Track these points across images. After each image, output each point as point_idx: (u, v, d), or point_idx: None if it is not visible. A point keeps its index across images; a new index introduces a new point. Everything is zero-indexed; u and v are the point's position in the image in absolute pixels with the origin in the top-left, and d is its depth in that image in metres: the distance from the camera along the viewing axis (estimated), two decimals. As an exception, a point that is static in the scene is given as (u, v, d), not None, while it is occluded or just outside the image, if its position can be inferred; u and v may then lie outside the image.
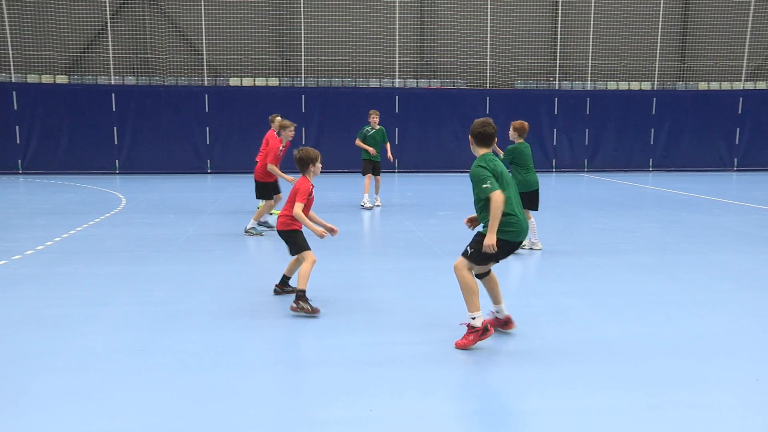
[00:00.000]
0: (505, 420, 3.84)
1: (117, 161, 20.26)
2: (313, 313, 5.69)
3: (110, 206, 12.77)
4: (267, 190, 10.31)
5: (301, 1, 21.24)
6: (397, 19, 21.65)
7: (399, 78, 21.94)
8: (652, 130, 22.17)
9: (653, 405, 3.99)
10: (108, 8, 20.58)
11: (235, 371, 4.49)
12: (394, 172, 21.31)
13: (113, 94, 20.08)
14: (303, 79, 21.56)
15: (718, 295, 6.57)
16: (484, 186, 4.80)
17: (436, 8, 22.20)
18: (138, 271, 7.37)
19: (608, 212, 12.33)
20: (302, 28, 21.35)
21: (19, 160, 19.77)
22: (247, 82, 21.23)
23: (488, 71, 22.15)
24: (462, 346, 4.91)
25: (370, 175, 12.81)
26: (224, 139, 20.62)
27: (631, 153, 22.22)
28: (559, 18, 22.47)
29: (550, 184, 18.38)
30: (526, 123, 8.64)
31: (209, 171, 20.61)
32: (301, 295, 5.76)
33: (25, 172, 19.75)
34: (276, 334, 5.33)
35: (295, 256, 6.18)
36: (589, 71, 22.62)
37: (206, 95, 20.44)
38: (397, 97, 21.20)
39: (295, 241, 6.06)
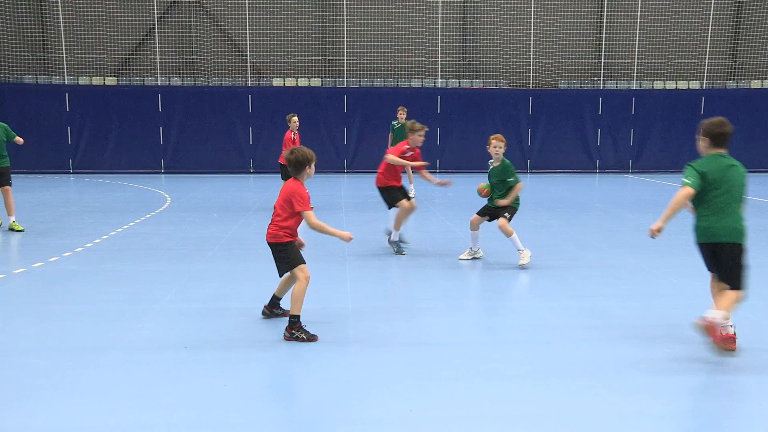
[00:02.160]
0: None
1: (162, 161, 20.67)
2: (309, 341, 5.02)
3: (156, 205, 13.03)
4: (394, 194, 8.67)
5: (344, 2, 21.34)
6: (440, 18, 21.58)
7: (441, 78, 21.87)
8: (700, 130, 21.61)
9: None
10: (156, 11, 21.01)
11: (277, 368, 4.53)
12: (435, 171, 21.25)
13: (159, 95, 20.49)
14: (345, 79, 21.66)
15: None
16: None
17: (478, 8, 22.05)
18: (183, 268, 7.50)
19: (653, 214, 12.07)
20: (345, 28, 21.46)
21: (70, 160, 20.33)
22: (289, 82, 21.43)
23: (531, 71, 21.91)
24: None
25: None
26: (267, 139, 20.84)
27: (678, 154, 21.68)
28: (605, 15, 22.09)
29: (593, 186, 18.08)
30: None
31: (252, 171, 20.86)
32: (294, 322, 5.05)
33: (76, 172, 20.29)
34: (317, 332, 5.35)
35: (287, 274, 5.31)
36: (635, 70, 22.18)
37: (249, 96, 20.70)
38: (438, 97, 21.13)
39: (287, 255, 5.18)
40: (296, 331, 5.05)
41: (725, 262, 4.79)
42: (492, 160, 8.07)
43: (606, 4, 22.06)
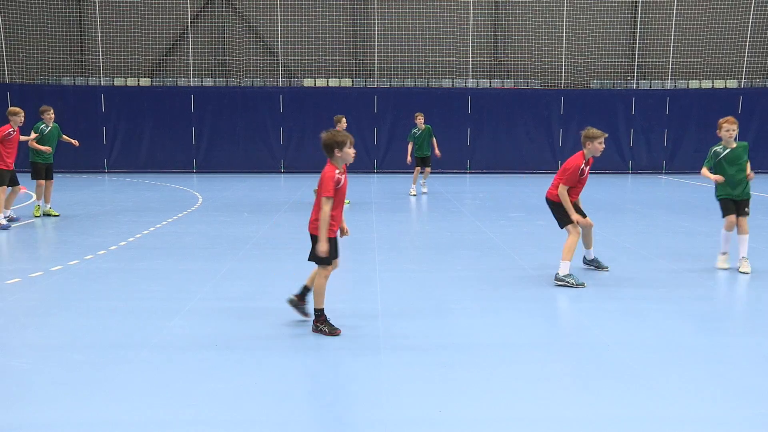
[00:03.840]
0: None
1: (194, 160, 20.92)
2: (331, 334, 5.11)
3: (188, 204, 13.19)
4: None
5: (375, 2, 21.37)
6: (471, 19, 21.48)
7: (472, 78, 21.77)
8: (738, 129, 21.16)
9: None
10: (189, 12, 21.28)
11: (307, 367, 4.54)
12: (466, 172, 21.15)
13: (192, 96, 20.74)
14: (376, 79, 21.69)
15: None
16: None
17: (509, 7, 21.90)
18: (215, 267, 7.57)
19: (687, 216, 11.86)
20: (375, 28, 21.48)
21: (105, 160, 20.69)
22: (320, 83, 21.53)
23: (563, 71, 21.69)
24: None
25: (418, 168, 14.84)
26: (298, 139, 20.97)
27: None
28: (639, 13, 21.77)
29: (626, 186, 17.83)
30: None
31: (283, 171, 21.00)
32: (318, 315, 5.18)
33: (110, 171, 20.65)
34: (347, 331, 5.35)
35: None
36: (670, 69, 21.81)
37: (281, 96, 20.85)
38: (469, 97, 21.04)
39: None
40: (320, 324, 5.16)
41: None
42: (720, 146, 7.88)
43: (640, 3, 21.74)
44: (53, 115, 11.25)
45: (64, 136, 11.51)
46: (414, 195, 14.72)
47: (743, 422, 3.78)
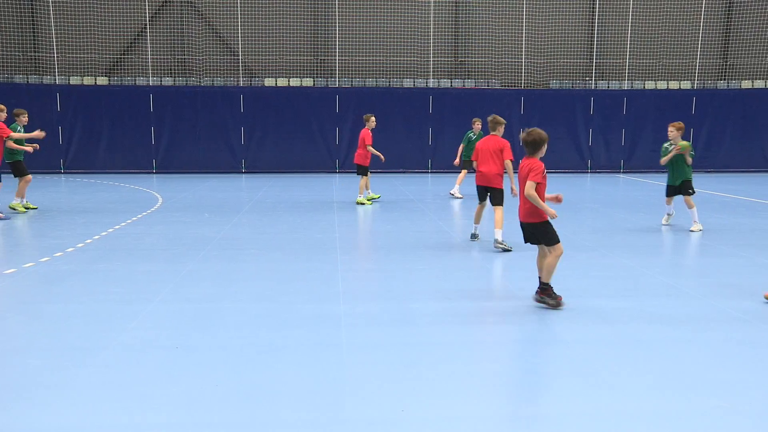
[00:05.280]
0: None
1: (154, 161, 20.61)
2: (557, 306, 5.77)
3: (147, 205, 13.00)
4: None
5: (336, 2, 21.34)
6: (432, 19, 21.61)
7: (433, 78, 21.90)
8: (692, 130, 21.74)
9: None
10: (147, 11, 20.95)
11: (268, 369, 4.53)
12: (428, 172, 21.27)
13: (151, 95, 20.43)
14: (337, 79, 21.66)
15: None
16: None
17: (470, 8, 22.10)
18: (175, 269, 7.48)
19: (644, 214, 12.13)
20: (337, 28, 21.46)
21: (62, 160, 20.25)
22: (281, 82, 21.41)
23: (523, 71, 21.97)
24: None
25: (465, 171, 14.68)
26: (259, 139, 20.83)
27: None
28: (596, 16, 22.19)
29: (585, 185, 18.15)
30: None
31: (244, 171, 20.83)
32: (545, 288, 5.82)
33: (67, 172, 20.22)
34: (310, 332, 5.35)
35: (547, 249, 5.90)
36: (627, 70, 22.29)
37: (241, 95, 20.67)
38: (431, 97, 21.16)
39: (549, 230, 5.89)
40: (546, 297, 5.80)
41: None
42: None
43: (597, 5, 22.16)
44: (26, 119, 12.14)
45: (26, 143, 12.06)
46: (460, 197, 14.34)
47: (695, 416, 3.89)
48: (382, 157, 13.68)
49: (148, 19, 21.02)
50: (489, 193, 9.00)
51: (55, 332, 5.28)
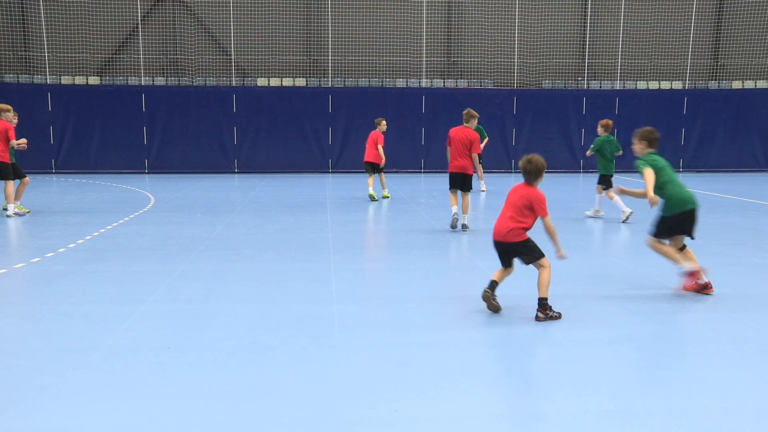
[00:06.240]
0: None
1: (146, 161, 20.54)
2: (558, 318, 5.62)
3: (139, 205, 12.95)
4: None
5: (329, 2, 21.32)
6: (425, 19, 21.62)
7: (426, 78, 21.91)
8: (683, 130, 21.86)
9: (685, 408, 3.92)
10: (139, 10, 20.88)
11: (261, 370, 4.52)
12: (420, 172, 21.28)
13: (143, 95, 20.36)
14: (330, 79, 21.64)
15: (756, 300, 6.44)
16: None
17: (463, 8, 22.11)
18: (168, 269, 7.45)
19: (636, 214, 12.17)
20: (330, 28, 21.44)
21: (53, 160, 20.15)
22: (274, 82, 21.37)
23: (516, 71, 22.01)
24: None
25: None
26: (251, 139, 20.79)
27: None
28: (588, 16, 22.25)
29: (577, 185, 18.20)
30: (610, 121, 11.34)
31: (236, 171, 20.79)
32: (544, 304, 5.60)
33: (58, 172, 20.12)
34: (303, 333, 5.34)
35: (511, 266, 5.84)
36: (619, 70, 22.36)
37: (234, 95, 20.63)
38: (423, 97, 21.17)
39: (532, 247, 5.67)
40: (549, 312, 5.62)
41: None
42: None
43: (590, 5, 22.22)
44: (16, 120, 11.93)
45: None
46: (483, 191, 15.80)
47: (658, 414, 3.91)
48: (382, 162, 14.03)
49: (140, 18, 20.95)
50: (462, 179, 9.90)
51: (46, 333, 5.25)
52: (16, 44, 20.86)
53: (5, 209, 11.54)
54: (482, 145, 15.30)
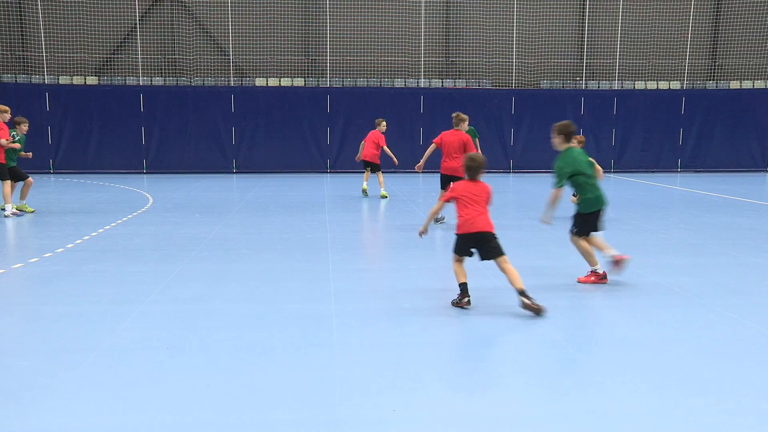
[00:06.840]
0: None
1: (144, 161, 20.53)
2: (538, 310, 5.62)
3: (138, 205, 12.94)
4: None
5: (327, 2, 21.33)
6: (423, 19, 21.63)
7: (424, 78, 21.92)
8: (681, 130, 21.88)
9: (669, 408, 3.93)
10: (137, 10, 20.86)
11: (260, 370, 4.52)
12: (418, 172, 21.25)
13: (141, 95, 20.35)
14: (328, 79, 21.64)
15: (753, 298, 6.45)
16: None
17: (461, 8, 22.12)
18: (165, 269, 7.45)
19: (634, 213, 12.18)
20: (328, 28, 21.44)
21: (51, 160, 20.13)
22: (272, 82, 21.37)
23: (514, 71, 22.03)
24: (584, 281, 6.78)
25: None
26: (250, 139, 20.79)
27: (659, 153, 21.95)
28: (587, 16, 22.27)
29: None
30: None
31: (235, 171, 20.78)
32: (524, 292, 5.70)
33: (56, 172, 20.10)
34: (301, 332, 5.34)
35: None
36: (617, 70, 22.38)
37: (232, 95, 20.62)
38: (422, 97, 21.18)
39: (496, 239, 5.98)
40: (530, 299, 5.69)
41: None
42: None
43: (588, 5, 22.24)
44: (26, 128, 11.92)
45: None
46: None
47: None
48: (395, 160, 14.71)
49: (138, 18, 20.93)
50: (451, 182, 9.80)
51: (44, 333, 5.25)
52: (13, 44, 20.84)
53: (3, 209, 11.52)
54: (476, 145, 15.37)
